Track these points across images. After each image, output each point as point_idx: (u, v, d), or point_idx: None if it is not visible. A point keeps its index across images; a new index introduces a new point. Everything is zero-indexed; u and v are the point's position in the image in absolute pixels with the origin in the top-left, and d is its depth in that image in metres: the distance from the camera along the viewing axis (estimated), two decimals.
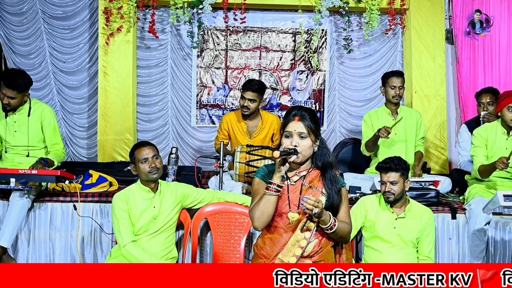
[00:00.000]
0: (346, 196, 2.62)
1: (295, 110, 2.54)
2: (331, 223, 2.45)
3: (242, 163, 4.21)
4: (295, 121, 2.50)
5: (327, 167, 2.55)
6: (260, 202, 2.45)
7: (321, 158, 2.56)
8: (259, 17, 5.99)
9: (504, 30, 5.95)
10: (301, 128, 2.49)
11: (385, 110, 4.66)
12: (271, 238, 2.54)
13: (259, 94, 4.59)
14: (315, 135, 2.52)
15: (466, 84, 5.92)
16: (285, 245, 2.50)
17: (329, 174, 2.55)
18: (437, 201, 4.00)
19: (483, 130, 4.04)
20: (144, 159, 3.28)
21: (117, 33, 5.61)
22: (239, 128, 4.71)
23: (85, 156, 5.98)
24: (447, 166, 5.79)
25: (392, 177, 3.32)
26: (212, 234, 3.63)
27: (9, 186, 3.63)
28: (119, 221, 3.22)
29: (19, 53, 5.84)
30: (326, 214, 2.44)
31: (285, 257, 2.49)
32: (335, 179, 2.56)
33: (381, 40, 6.00)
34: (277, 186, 2.43)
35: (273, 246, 2.52)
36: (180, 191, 3.44)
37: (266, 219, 2.46)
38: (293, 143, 2.47)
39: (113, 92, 5.66)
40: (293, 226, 2.50)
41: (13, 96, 3.93)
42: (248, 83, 4.66)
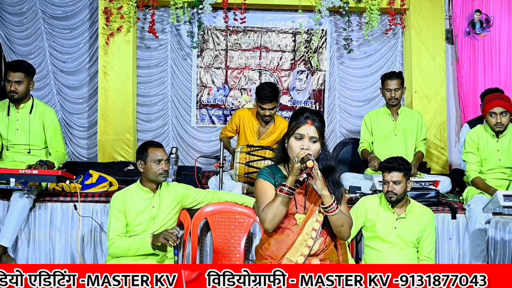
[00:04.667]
0: (345, 198, 2.68)
1: (307, 112, 2.54)
2: (334, 204, 2.48)
3: (242, 164, 4.20)
4: (308, 125, 2.50)
5: (330, 170, 2.59)
6: (273, 204, 2.48)
7: (324, 161, 2.58)
8: (259, 17, 5.99)
9: (504, 30, 5.95)
10: (313, 133, 2.50)
11: (385, 111, 4.66)
12: (277, 239, 2.56)
13: (276, 101, 4.52)
14: (323, 140, 2.55)
15: (466, 84, 5.92)
16: (293, 245, 2.53)
17: (332, 176, 2.59)
18: (437, 201, 4.01)
19: (474, 134, 4.09)
20: (158, 160, 3.28)
21: (117, 33, 5.61)
22: (251, 126, 4.68)
23: (85, 156, 5.98)
24: (447, 166, 5.79)
25: (395, 176, 3.31)
26: (212, 234, 3.63)
27: (9, 186, 3.63)
28: (111, 220, 3.25)
29: (19, 53, 5.84)
30: (327, 190, 2.48)
31: (293, 256, 2.51)
32: (338, 181, 2.61)
33: (381, 40, 6.00)
34: (290, 188, 2.46)
35: (279, 247, 2.54)
36: (179, 191, 3.44)
37: (278, 221, 2.50)
38: (304, 146, 2.48)
39: (113, 92, 5.66)
40: (300, 227, 2.53)
41: (20, 80, 3.94)
42: (263, 94, 4.45)
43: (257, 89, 4.56)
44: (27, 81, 3.99)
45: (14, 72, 3.93)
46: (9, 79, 3.94)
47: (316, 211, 2.55)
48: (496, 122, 3.93)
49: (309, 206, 2.56)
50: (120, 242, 3.19)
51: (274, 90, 4.50)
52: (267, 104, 4.48)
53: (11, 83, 3.94)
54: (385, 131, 4.62)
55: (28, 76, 4.00)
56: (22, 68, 3.96)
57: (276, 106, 4.55)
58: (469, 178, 4.03)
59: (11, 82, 3.94)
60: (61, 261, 3.86)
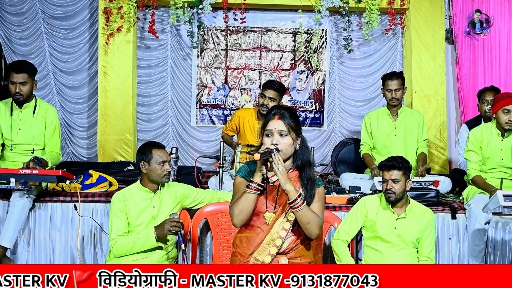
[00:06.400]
0: (323, 197, 2.61)
1: (275, 109, 2.58)
2: (298, 199, 2.44)
3: (242, 163, 4.20)
4: (275, 120, 2.52)
5: (305, 166, 2.57)
6: (240, 199, 2.50)
7: (301, 156, 2.57)
8: (259, 17, 5.99)
9: (504, 30, 5.95)
10: (281, 126, 2.51)
11: (385, 111, 4.66)
12: (247, 236, 2.58)
13: (279, 94, 4.55)
14: (295, 133, 2.54)
15: (466, 84, 5.92)
16: (261, 243, 2.54)
17: (306, 172, 2.56)
18: (437, 201, 4.00)
19: (478, 132, 4.07)
20: (163, 161, 3.28)
21: (117, 33, 5.61)
22: (251, 126, 4.69)
23: (85, 156, 5.98)
24: (447, 166, 5.79)
25: (394, 175, 3.31)
26: (212, 234, 3.63)
27: (9, 186, 3.62)
28: (113, 220, 3.24)
29: (19, 53, 5.84)
30: (291, 185, 2.45)
31: (260, 255, 2.52)
32: (312, 177, 2.56)
33: (381, 40, 6.00)
34: (257, 184, 2.48)
35: (249, 245, 2.56)
36: (179, 191, 3.44)
37: (245, 217, 2.52)
38: (273, 142, 2.49)
39: (113, 92, 5.67)
40: (269, 226, 2.53)
41: (25, 81, 3.93)
42: (270, 82, 4.68)
43: (267, 80, 4.80)
44: (31, 81, 3.98)
45: (18, 74, 3.91)
46: (13, 80, 3.92)
47: (287, 210, 2.54)
48: (509, 120, 3.89)
49: (281, 205, 2.55)
50: (122, 241, 3.18)
51: (281, 85, 4.68)
52: (269, 91, 4.51)
53: (15, 84, 3.92)
54: (385, 132, 4.62)
55: (32, 76, 3.99)
56: (25, 69, 3.94)
57: (276, 100, 4.55)
58: (469, 177, 4.03)
59: (15, 84, 3.92)
60: (61, 261, 3.86)
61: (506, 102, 3.89)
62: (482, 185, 3.90)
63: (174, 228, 3.07)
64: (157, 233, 3.14)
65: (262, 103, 4.56)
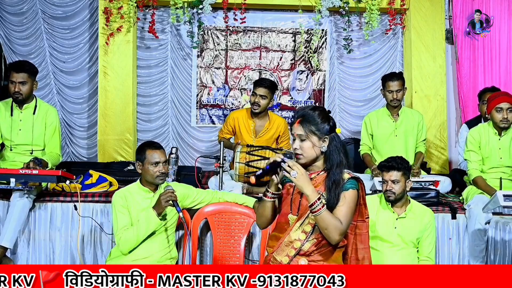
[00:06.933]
0: (350, 201, 2.47)
1: (299, 111, 2.54)
2: (317, 203, 2.38)
3: (242, 164, 4.21)
4: (296, 124, 2.50)
5: (332, 167, 2.48)
6: (259, 206, 2.61)
7: (329, 157, 2.50)
8: (259, 17, 5.99)
9: (504, 30, 5.95)
10: (299, 131, 2.49)
11: (385, 112, 4.66)
12: (276, 235, 2.59)
13: (270, 92, 4.57)
14: (317, 136, 2.47)
15: (466, 84, 5.92)
16: (281, 244, 2.53)
17: (331, 174, 2.47)
18: (437, 201, 4.00)
19: (476, 132, 4.09)
20: (156, 162, 3.26)
21: (117, 33, 5.61)
22: (246, 126, 4.70)
23: (85, 156, 5.98)
24: (447, 166, 5.80)
25: (394, 175, 3.31)
26: (212, 234, 3.63)
27: (9, 186, 3.62)
28: (117, 215, 3.23)
29: (19, 53, 5.84)
30: (310, 189, 2.39)
31: (278, 256, 2.51)
32: (336, 180, 2.46)
33: (381, 40, 6.00)
34: (272, 193, 2.53)
35: (276, 243, 2.56)
36: (179, 191, 3.42)
37: (264, 221, 2.62)
38: (295, 146, 2.50)
39: (113, 92, 5.67)
40: (290, 228, 2.52)
41: (24, 80, 3.93)
42: (261, 80, 4.75)
43: (257, 79, 4.90)
44: (31, 81, 3.98)
45: (18, 73, 3.91)
46: (12, 80, 3.92)
47: (307, 214, 2.48)
48: (502, 118, 3.92)
49: (302, 208, 2.51)
50: (126, 234, 3.17)
51: (271, 82, 4.69)
52: (259, 89, 4.53)
53: (15, 84, 3.92)
54: (385, 132, 4.62)
55: (32, 76, 3.99)
56: (25, 69, 3.94)
57: (267, 98, 4.56)
58: (470, 177, 4.03)
59: (15, 83, 3.92)
60: (61, 261, 3.86)
61: (498, 101, 3.94)
62: (483, 187, 3.91)
63: (170, 198, 3.09)
64: (156, 211, 3.15)
65: (253, 102, 4.57)
